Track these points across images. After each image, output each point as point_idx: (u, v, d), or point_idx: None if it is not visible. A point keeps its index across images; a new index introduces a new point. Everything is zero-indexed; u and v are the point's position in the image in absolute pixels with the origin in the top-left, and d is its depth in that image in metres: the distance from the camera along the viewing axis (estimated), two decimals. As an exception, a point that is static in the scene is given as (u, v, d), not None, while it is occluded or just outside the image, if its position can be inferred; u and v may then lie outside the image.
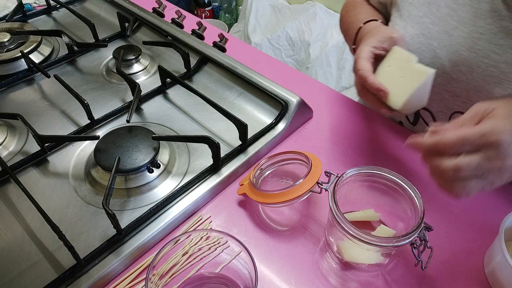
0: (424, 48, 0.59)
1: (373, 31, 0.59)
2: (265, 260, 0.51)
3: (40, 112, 0.70)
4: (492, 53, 0.53)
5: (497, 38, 0.53)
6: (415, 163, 0.63)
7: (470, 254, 0.51)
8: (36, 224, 0.53)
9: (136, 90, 0.67)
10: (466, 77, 0.56)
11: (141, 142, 0.60)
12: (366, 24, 0.63)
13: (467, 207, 0.57)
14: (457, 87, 0.58)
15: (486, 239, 0.53)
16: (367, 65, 0.53)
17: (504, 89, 0.53)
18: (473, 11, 0.55)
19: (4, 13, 0.92)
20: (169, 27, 0.83)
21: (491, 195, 0.58)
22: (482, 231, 0.54)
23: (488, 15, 0.53)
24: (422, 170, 0.61)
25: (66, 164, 0.61)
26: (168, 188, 0.58)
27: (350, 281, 0.49)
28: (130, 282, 0.48)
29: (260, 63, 0.82)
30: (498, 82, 0.53)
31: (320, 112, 0.72)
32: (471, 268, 0.50)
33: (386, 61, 0.55)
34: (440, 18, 0.58)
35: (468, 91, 0.57)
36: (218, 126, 0.67)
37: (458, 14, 0.56)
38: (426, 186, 0.59)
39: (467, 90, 0.57)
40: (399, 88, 0.51)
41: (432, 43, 0.58)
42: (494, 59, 0.53)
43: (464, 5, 0.56)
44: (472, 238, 0.53)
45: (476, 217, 0.56)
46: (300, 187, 0.50)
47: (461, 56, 0.56)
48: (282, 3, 2.19)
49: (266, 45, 2.06)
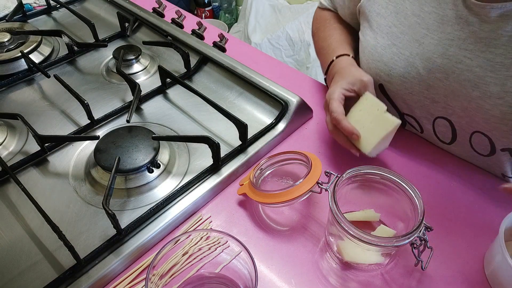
0: (397, 58, 0.59)
1: (345, 72, 0.62)
2: (265, 260, 0.51)
3: (40, 112, 0.70)
4: (465, 58, 0.53)
5: (467, 43, 0.53)
6: (415, 163, 0.63)
7: (470, 254, 0.51)
8: (36, 224, 0.53)
9: (136, 90, 0.67)
10: (442, 83, 0.56)
11: (141, 142, 0.60)
12: (338, 58, 0.66)
13: (467, 207, 0.57)
14: (435, 93, 0.58)
15: (486, 239, 0.53)
16: (340, 107, 0.57)
17: (482, 92, 0.53)
18: (439, 18, 0.55)
19: (4, 13, 0.92)
20: (169, 27, 0.83)
21: (491, 195, 0.58)
22: (482, 231, 0.54)
23: (454, 22, 0.54)
24: (422, 170, 0.61)
25: (66, 164, 0.61)
26: (168, 188, 0.58)
27: (350, 281, 0.49)
28: (130, 282, 0.48)
29: (260, 63, 0.82)
30: (475, 86, 0.53)
31: (320, 112, 0.72)
32: (471, 268, 0.50)
33: (358, 105, 0.59)
34: (409, 26, 0.58)
35: (446, 96, 0.57)
36: (218, 126, 0.67)
37: (425, 22, 0.56)
38: (426, 186, 0.59)
39: (445, 95, 0.57)
40: (369, 134, 0.56)
41: (404, 53, 0.58)
42: (468, 64, 0.53)
43: (430, 13, 0.56)
44: (472, 238, 0.53)
45: (476, 217, 0.56)
46: (300, 187, 0.50)
47: (435, 63, 0.56)
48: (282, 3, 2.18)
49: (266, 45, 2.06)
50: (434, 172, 0.61)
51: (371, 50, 0.63)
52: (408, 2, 0.58)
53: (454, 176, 0.61)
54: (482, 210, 0.56)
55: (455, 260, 0.51)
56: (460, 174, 0.61)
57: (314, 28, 0.81)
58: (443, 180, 0.60)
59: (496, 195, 0.58)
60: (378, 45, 0.62)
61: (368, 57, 0.64)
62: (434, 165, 0.62)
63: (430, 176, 0.60)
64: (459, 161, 0.63)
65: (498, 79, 0.51)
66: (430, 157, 0.64)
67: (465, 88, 0.54)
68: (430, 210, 0.56)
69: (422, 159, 0.63)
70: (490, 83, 0.52)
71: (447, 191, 0.59)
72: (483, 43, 0.52)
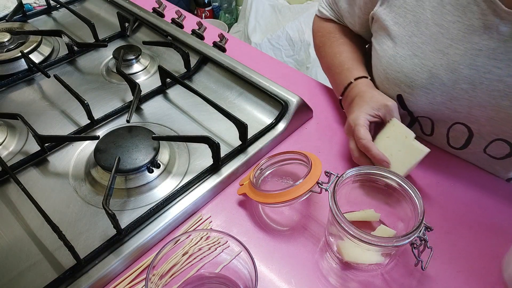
0: (419, 69, 0.57)
1: (367, 96, 0.60)
2: (265, 260, 0.51)
3: (40, 112, 0.70)
4: (494, 68, 0.52)
5: (496, 53, 0.51)
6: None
7: (470, 254, 0.51)
8: (36, 224, 0.53)
9: (136, 90, 0.67)
10: (468, 94, 0.55)
11: (141, 142, 0.60)
12: (357, 81, 0.64)
13: (467, 207, 0.57)
14: (458, 105, 0.56)
15: (486, 239, 0.53)
16: (368, 134, 0.56)
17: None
18: (464, 27, 0.53)
19: (4, 13, 0.92)
20: (169, 27, 0.83)
21: (491, 195, 0.58)
22: (482, 231, 0.54)
23: (482, 31, 0.52)
24: (422, 169, 0.61)
25: (66, 164, 0.61)
26: (168, 188, 0.58)
27: (350, 281, 0.49)
28: (130, 282, 0.48)
29: (260, 63, 0.82)
30: (504, 96, 0.52)
31: (320, 112, 0.72)
32: (471, 268, 0.50)
33: (385, 132, 0.58)
34: (431, 36, 0.56)
35: (471, 107, 0.55)
36: (218, 126, 0.67)
37: (449, 32, 0.54)
38: (426, 186, 0.59)
39: (470, 106, 0.55)
40: (397, 162, 0.55)
41: (427, 64, 0.56)
42: (498, 74, 0.52)
43: (454, 22, 0.54)
44: (472, 238, 0.53)
45: (476, 217, 0.56)
46: (300, 187, 0.50)
47: (461, 74, 0.54)
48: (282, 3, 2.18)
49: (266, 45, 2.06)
50: (434, 172, 0.61)
51: (390, 60, 0.60)
52: (429, 11, 0.56)
53: (454, 176, 0.61)
54: (482, 210, 0.56)
55: (455, 260, 0.51)
56: (461, 174, 0.61)
57: (318, 41, 0.77)
58: (443, 180, 0.60)
59: (496, 195, 0.58)
60: (398, 56, 0.59)
61: (386, 67, 0.61)
62: (434, 165, 0.62)
63: (430, 176, 0.60)
64: (459, 161, 0.63)
65: None
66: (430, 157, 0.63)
67: (494, 99, 0.53)
68: (430, 210, 0.56)
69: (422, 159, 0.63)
70: None
71: (447, 191, 0.59)
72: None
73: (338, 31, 0.74)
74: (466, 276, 0.49)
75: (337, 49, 0.71)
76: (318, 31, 0.78)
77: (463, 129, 0.59)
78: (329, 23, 0.76)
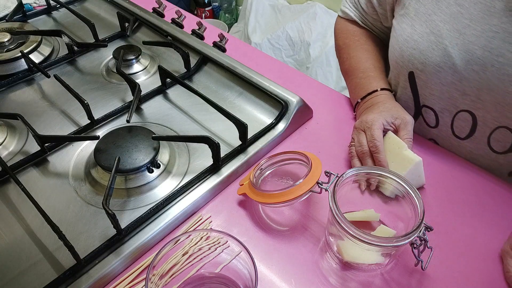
0: (435, 47, 0.58)
1: (390, 105, 0.62)
2: (265, 260, 0.51)
3: (40, 112, 0.70)
4: (508, 52, 0.53)
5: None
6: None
7: (470, 253, 0.51)
8: (36, 224, 0.53)
9: (136, 90, 0.67)
10: (478, 76, 0.56)
11: (141, 142, 0.60)
12: (382, 91, 0.66)
13: (467, 207, 0.57)
14: (467, 86, 0.57)
15: (486, 239, 0.53)
16: (382, 138, 0.57)
17: None
18: (485, 9, 0.54)
19: (4, 13, 0.92)
20: (169, 27, 0.83)
21: (491, 195, 0.58)
22: (482, 231, 0.54)
23: (502, 14, 0.53)
24: (422, 170, 0.61)
25: (66, 164, 0.61)
26: (168, 188, 0.58)
27: (350, 281, 0.49)
28: (130, 282, 0.48)
29: (260, 63, 0.82)
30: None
31: (320, 112, 0.72)
32: (472, 268, 0.50)
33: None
34: (450, 16, 0.57)
35: (479, 90, 0.56)
36: (218, 126, 0.67)
37: (469, 12, 0.55)
38: (426, 186, 0.59)
39: (478, 89, 0.56)
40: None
41: (443, 42, 0.57)
42: (510, 58, 0.53)
43: (475, 3, 0.55)
44: (472, 238, 0.53)
45: (476, 217, 0.56)
46: (300, 187, 0.50)
47: (474, 54, 0.55)
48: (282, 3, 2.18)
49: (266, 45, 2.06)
50: (434, 172, 0.61)
51: (407, 37, 0.62)
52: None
53: (454, 176, 0.61)
54: (482, 210, 0.56)
55: (455, 260, 0.51)
56: (461, 174, 0.61)
57: (341, 42, 0.77)
58: (443, 180, 0.60)
59: (496, 195, 0.58)
60: (415, 33, 0.61)
61: (403, 44, 0.62)
62: (434, 165, 0.62)
63: (430, 176, 0.60)
64: (459, 161, 0.63)
65: None
66: (430, 157, 0.64)
67: (503, 83, 0.54)
68: (430, 210, 0.56)
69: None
70: None
71: (447, 191, 0.59)
72: None
73: (363, 35, 0.75)
74: (466, 276, 0.49)
75: (363, 55, 0.72)
76: (342, 32, 0.78)
77: (467, 117, 0.60)
78: (354, 25, 0.77)
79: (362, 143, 0.58)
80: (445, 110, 0.62)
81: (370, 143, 0.57)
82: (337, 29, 0.80)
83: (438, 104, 0.63)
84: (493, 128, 0.58)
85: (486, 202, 0.57)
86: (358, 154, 0.59)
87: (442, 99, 0.61)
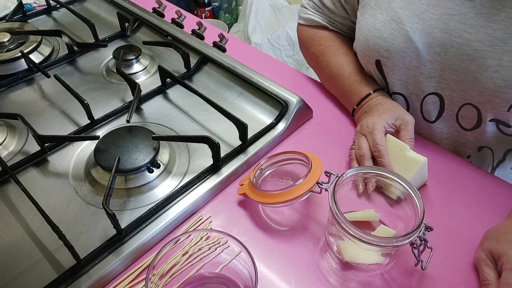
0: (397, 34, 0.60)
1: (389, 106, 0.62)
2: (265, 260, 0.51)
3: (40, 112, 0.70)
4: (464, 33, 0.55)
5: (467, 18, 0.55)
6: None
7: (470, 253, 0.51)
8: (36, 224, 0.53)
9: (136, 90, 0.67)
10: (440, 58, 0.58)
11: (141, 142, 0.60)
12: (376, 92, 0.66)
13: (467, 207, 0.57)
14: (431, 68, 0.59)
15: (486, 239, 0.53)
16: (384, 142, 0.57)
17: (479, 66, 0.55)
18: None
19: (4, 13, 0.92)
20: (169, 27, 0.83)
21: (490, 195, 0.58)
22: (482, 231, 0.54)
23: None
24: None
25: (66, 164, 0.61)
26: (168, 188, 0.58)
27: (350, 281, 0.49)
28: (130, 282, 0.48)
29: (260, 63, 0.82)
30: (472, 60, 0.55)
31: (320, 112, 0.72)
32: (472, 268, 0.50)
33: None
34: (408, 2, 0.59)
35: (443, 70, 0.59)
36: (218, 126, 0.67)
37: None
38: (426, 186, 0.60)
39: (442, 70, 0.59)
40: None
41: (404, 28, 0.59)
42: (467, 38, 0.55)
43: None
44: (472, 238, 0.53)
45: (476, 217, 0.56)
46: (300, 187, 0.50)
47: (435, 37, 0.57)
48: (282, 3, 2.18)
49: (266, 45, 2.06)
50: (434, 172, 0.61)
51: (370, 27, 0.64)
52: None
53: (454, 176, 0.61)
54: (482, 210, 0.56)
55: (455, 260, 0.51)
56: (460, 174, 0.61)
57: (315, 50, 0.75)
58: (442, 180, 0.61)
59: (495, 195, 0.58)
60: (377, 22, 0.62)
61: (367, 34, 0.64)
62: (434, 165, 0.62)
63: (430, 176, 0.60)
64: (459, 161, 0.63)
65: (495, 53, 0.53)
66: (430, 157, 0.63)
67: (463, 62, 0.56)
68: (430, 210, 0.56)
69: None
70: (487, 57, 0.54)
71: (447, 191, 0.59)
72: (483, 18, 0.53)
73: (336, 39, 0.74)
74: (466, 276, 0.49)
75: (343, 59, 0.71)
76: (313, 40, 0.76)
77: (435, 100, 0.62)
78: (323, 30, 0.75)
79: (361, 146, 0.59)
80: (413, 95, 0.64)
81: (373, 148, 0.57)
82: (304, 37, 0.79)
83: (406, 90, 0.64)
84: (460, 106, 0.60)
85: (487, 202, 0.57)
86: (357, 157, 0.59)
87: (410, 84, 0.63)
